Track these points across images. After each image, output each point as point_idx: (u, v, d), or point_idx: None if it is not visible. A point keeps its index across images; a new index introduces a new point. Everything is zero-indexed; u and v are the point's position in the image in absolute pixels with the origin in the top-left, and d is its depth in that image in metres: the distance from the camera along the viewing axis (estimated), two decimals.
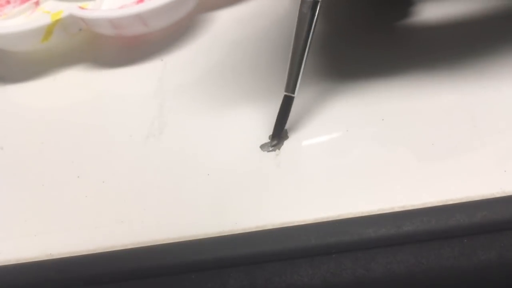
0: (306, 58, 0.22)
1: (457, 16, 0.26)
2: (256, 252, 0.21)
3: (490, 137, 0.22)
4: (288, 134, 0.24)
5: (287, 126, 0.24)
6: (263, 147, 0.24)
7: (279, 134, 0.24)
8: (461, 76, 0.24)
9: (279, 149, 0.24)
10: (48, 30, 0.30)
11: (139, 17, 0.28)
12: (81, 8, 0.30)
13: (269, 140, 0.24)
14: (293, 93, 0.23)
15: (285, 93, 0.23)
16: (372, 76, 0.25)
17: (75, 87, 0.31)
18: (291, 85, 0.23)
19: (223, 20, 0.31)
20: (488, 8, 0.26)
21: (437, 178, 0.21)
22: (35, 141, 0.28)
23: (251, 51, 0.29)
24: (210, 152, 0.25)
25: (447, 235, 0.20)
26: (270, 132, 0.25)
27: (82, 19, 0.29)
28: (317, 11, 0.22)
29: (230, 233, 0.22)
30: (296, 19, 0.22)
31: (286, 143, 0.24)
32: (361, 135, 0.23)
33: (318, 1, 0.22)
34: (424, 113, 0.23)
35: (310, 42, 0.22)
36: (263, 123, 0.25)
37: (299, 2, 0.22)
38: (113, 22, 0.29)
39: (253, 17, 0.31)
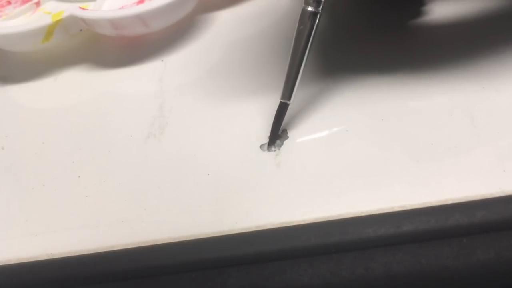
0: (303, 67, 0.22)
1: (455, 17, 0.26)
2: (256, 252, 0.21)
3: (489, 137, 0.22)
4: (288, 134, 0.24)
5: (287, 126, 0.24)
6: (263, 147, 0.24)
7: (275, 138, 0.24)
8: (460, 76, 0.24)
9: (279, 149, 0.24)
10: (49, 31, 0.30)
11: (140, 18, 0.28)
12: (82, 8, 0.30)
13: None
14: (289, 100, 0.23)
15: (281, 100, 0.23)
16: (372, 77, 0.25)
17: (76, 87, 0.31)
18: (287, 93, 0.23)
19: (223, 20, 0.31)
20: (487, 8, 0.26)
21: (436, 178, 0.21)
22: (36, 141, 0.28)
23: (251, 51, 0.29)
24: (210, 152, 0.25)
25: (446, 234, 0.20)
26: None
27: (83, 20, 0.30)
28: (317, 22, 0.22)
29: (230, 233, 0.22)
30: (295, 28, 0.22)
31: (286, 143, 0.24)
32: (360, 135, 0.23)
33: (318, 12, 0.22)
34: (423, 113, 0.23)
35: (309, 51, 0.22)
36: (263, 123, 0.25)
37: (299, 10, 0.22)
38: (114, 23, 0.29)
39: (253, 17, 0.31)
